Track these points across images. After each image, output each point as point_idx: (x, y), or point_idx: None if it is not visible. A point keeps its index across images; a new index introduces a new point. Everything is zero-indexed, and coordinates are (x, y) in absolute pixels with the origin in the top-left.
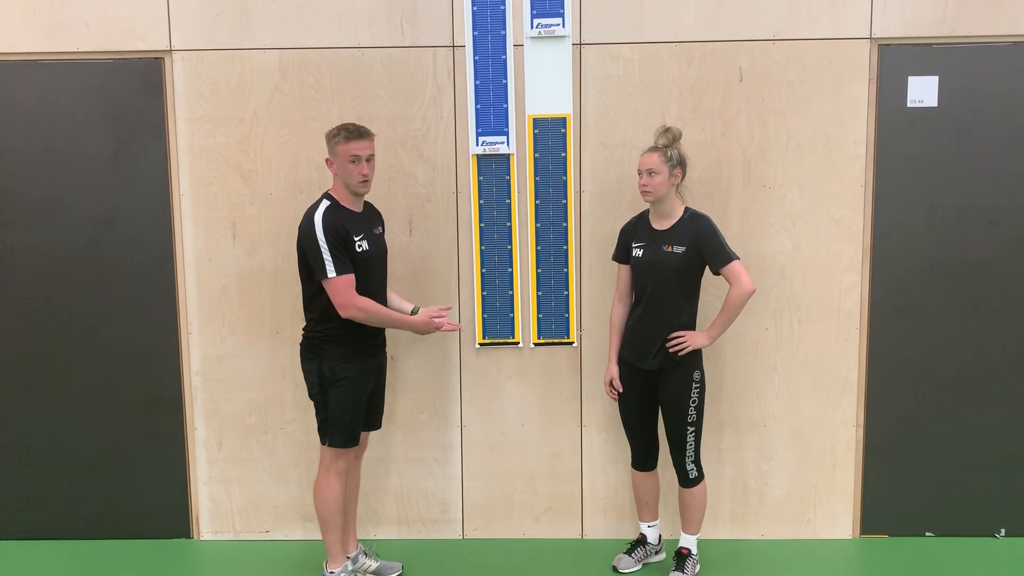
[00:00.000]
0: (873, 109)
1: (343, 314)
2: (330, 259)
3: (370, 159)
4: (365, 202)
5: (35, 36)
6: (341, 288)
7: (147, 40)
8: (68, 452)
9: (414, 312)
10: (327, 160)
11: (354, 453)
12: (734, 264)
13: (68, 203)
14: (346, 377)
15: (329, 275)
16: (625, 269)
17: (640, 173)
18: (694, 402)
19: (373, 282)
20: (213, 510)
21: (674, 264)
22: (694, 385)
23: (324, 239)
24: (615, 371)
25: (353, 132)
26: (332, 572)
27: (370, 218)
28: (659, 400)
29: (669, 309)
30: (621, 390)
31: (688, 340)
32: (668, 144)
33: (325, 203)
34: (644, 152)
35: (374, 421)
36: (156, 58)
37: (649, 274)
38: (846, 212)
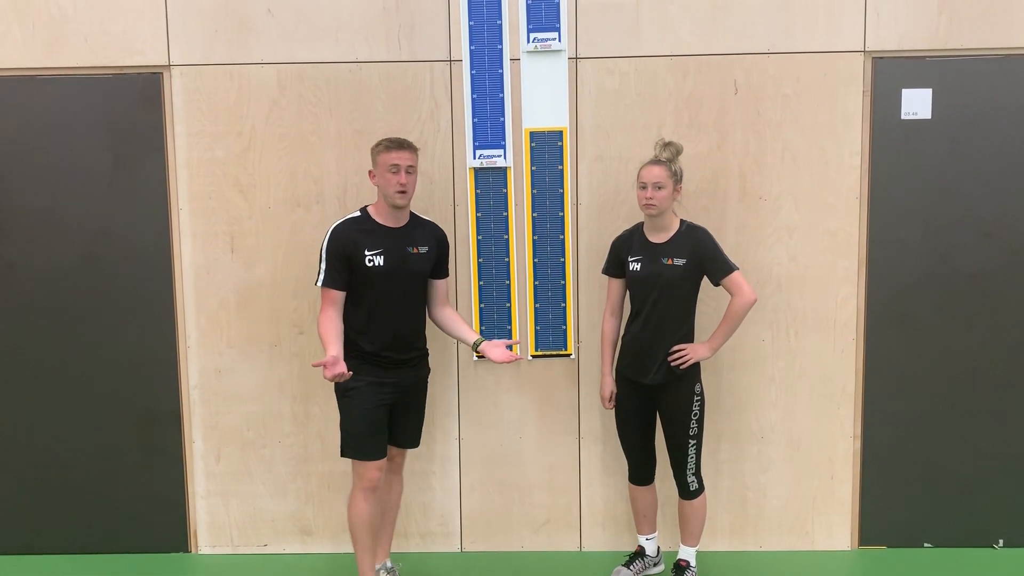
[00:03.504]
0: (867, 121)
1: None
2: (323, 268)
3: (410, 171)
4: (420, 219)
5: (34, 52)
6: (322, 298)
7: (145, 55)
8: (66, 465)
9: (476, 345)
10: (369, 172)
11: (376, 467)
12: (735, 275)
13: (67, 217)
14: (353, 388)
15: (317, 283)
16: (617, 283)
17: (646, 186)
18: (695, 415)
19: (382, 302)
20: (211, 524)
21: (675, 277)
22: (695, 398)
23: (326, 248)
24: (612, 384)
25: (394, 142)
26: None
27: (409, 235)
28: (660, 414)
29: (670, 322)
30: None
31: (690, 352)
32: (672, 158)
33: (353, 214)
34: (646, 165)
35: (403, 439)
36: (155, 73)
37: (649, 288)
38: (841, 224)
